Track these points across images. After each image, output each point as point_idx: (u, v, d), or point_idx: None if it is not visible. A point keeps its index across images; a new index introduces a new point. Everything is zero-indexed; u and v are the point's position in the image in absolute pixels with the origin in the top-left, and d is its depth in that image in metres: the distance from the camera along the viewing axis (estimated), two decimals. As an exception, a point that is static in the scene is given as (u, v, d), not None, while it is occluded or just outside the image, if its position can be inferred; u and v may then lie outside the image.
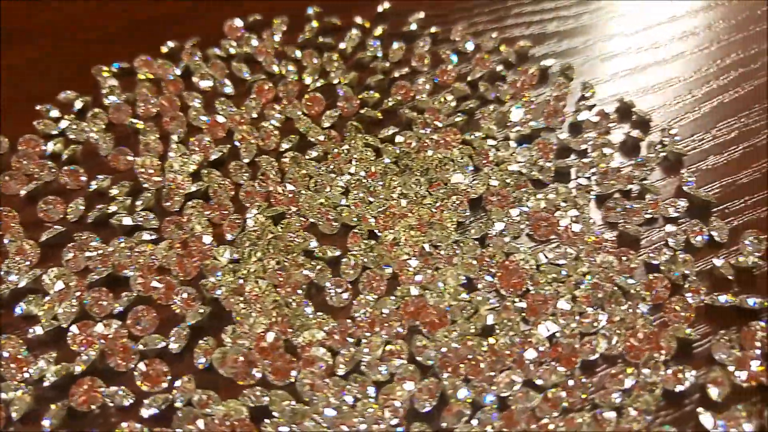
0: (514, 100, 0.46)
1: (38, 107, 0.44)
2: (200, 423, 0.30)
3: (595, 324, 0.34)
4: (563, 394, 0.31)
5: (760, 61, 0.50)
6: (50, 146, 0.42)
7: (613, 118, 0.45)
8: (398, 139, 0.43)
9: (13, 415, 0.30)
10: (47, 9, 0.53)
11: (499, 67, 0.48)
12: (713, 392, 0.32)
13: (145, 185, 0.40)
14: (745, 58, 0.50)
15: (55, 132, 0.43)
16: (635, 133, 0.44)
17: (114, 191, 0.40)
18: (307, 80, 0.47)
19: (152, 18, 0.53)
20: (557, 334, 0.34)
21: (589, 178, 0.41)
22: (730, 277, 0.37)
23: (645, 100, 0.48)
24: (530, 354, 0.32)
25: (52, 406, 0.31)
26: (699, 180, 0.42)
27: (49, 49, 0.50)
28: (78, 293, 0.34)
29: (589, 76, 0.49)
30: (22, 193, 0.40)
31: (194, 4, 0.54)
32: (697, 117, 0.46)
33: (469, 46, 0.50)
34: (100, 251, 0.36)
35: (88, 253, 0.36)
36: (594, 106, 0.46)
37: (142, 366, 0.32)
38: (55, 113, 0.44)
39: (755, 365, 0.33)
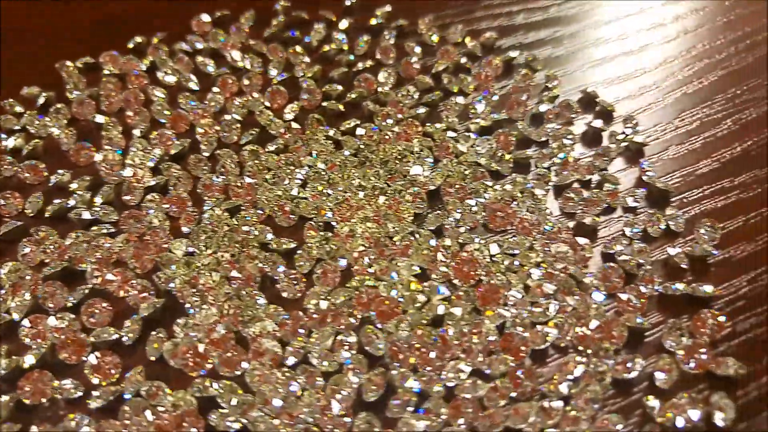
0: (477, 92, 0.46)
1: (1, 103, 0.44)
2: (147, 414, 0.30)
3: (547, 313, 0.34)
4: (511, 383, 0.31)
5: (726, 52, 0.50)
6: (11, 141, 0.42)
7: (576, 108, 0.45)
8: (359, 131, 0.43)
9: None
10: (15, 6, 0.53)
11: (465, 60, 0.48)
12: (660, 380, 0.32)
13: (106, 180, 0.40)
14: (710, 49, 0.50)
15: (17, 127, 0.43)
16: (597, 123, 0.44)
17: (74, 186, 0.40)
18: (272, 73, 0.47)
19: (121, 14, 0.53)
20: (507, 324, 0.34)
21: (548, 168, 0.41)
22: (684, 266, 0.37)
23: (610, 91, 0.48)
24: (479, 344, 0.32)
25: (1, 399, 0.31)
26: (659, 170, 0.42)
27: (17, 46, 0.50)
28: (32, 287, 0.34)
29: (554, 68, 0.49)
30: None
31: (164, 2, 0.54)
32: (660, 107, 0.46)
33: (435, 38, 0.50)
34: (57, 245, 0.36)
35: (44, 247, 0.36)
36: (557, 97, 0.46)
37: (92, 358, 0.32)
38: (19, 108, 0.44)
39: (704, 353, 0.33)
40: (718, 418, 0.31)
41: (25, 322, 0.33)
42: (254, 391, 0.32)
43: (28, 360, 0.32)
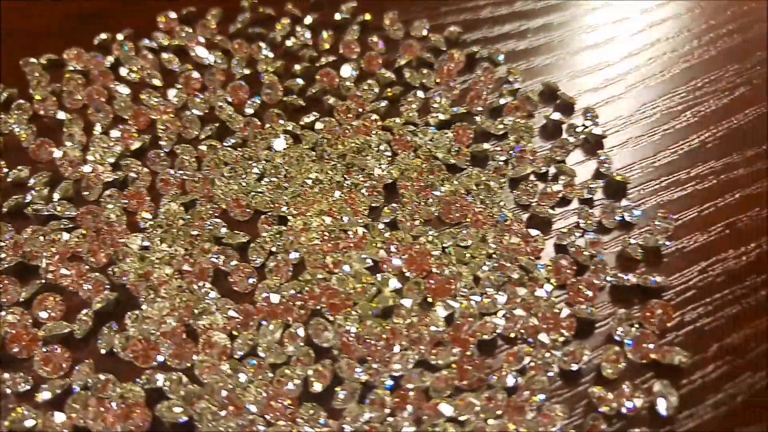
0: (438, 87, 0.46)
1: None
2: (92, 403, 0.30)
3: (495, 304, 0.34)
4: (457, 373, 0.32)
5: (688, 45, 0.50)
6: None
7: (536, 101, 0.45)
8: (318, 126, 0.43)
9: None
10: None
11: (428, 54, 0.48)
12: (607, 370, 0.33)
13: (66, 176, 0.41)
14: (674, 42, 0.51)
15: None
16: (556, 116, 0.44)
17: (32, 181, 0.40)
18: (236, 69, 0.47)
19: (88, 12, 0.53)
20: (456, 315, 0.34)
21: (505, 161, 0.42)
22: (638, 258, 0.37)
23: (574, 84, 0.48)
24: (427, 334, 0.33)
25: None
26: (618, 161, 0.43)
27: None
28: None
29: (518, 61, 0.49)
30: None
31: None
32: (622, 100, 0.47)
33: (399, 33, 0.50)
34: (13, 240, 0.37)
35: (-1, 242, 0.36)
36: (518, 90, 0.46)
37: (41, 352, 0.32)
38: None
39: (651, 343, 0.33)
40: (661, 407, 0.32)
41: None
42: (202, 383, 0.32)
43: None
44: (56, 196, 0.40)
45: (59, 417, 0.30)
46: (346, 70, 0.46)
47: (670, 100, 0.47)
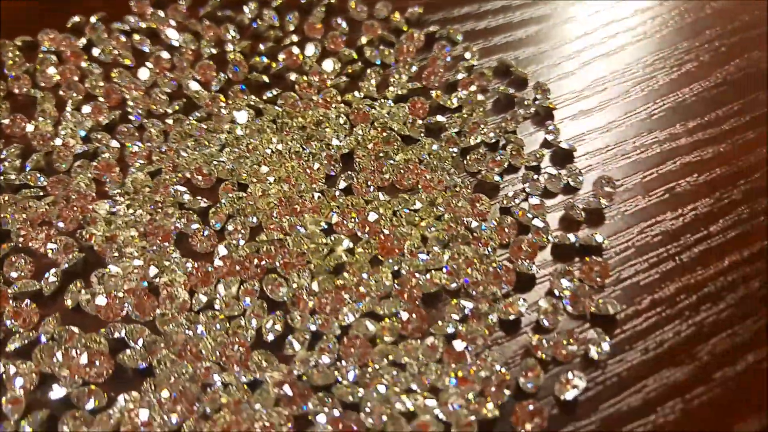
0: (398, 64, 0.48)
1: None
2: (58, 355, 0.32)
3: (440, 260, 0.36)
4: (400, 324, 0.34)
5: (641, 26, 0.52)
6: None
7: (490, 77, 0.47)
8: (280, 101, 0.45)
9: None
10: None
11: (389, 34, 0.50)
12: (545, 320, 0.35)
13: (38, 148, 0.43)
14: (628, 22, 0.53)
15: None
16: (510, 90, 0.46)
17: (4, 154, 0.42)
18: (205, 50, 0.49)
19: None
20: (402, 271, 0.36)
21: (457, 133, 0.44)
22: (580, 219, 0.40)
23: (530, 61, 0.50)
24: (375, 289, 0.35)
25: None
26: (568, 132, 0.45)
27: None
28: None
29: (476, 40, 0.51)
30: None
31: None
32: (575, 76, 0.49)
33: (363, 15, 0.52)
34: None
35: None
36: (473, 66, 0.48)
37: (12, 307, 0.34)
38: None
39: (588, 296, 0.35)
40: (593, 352, 0.34)
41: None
42: (161, 333, 0.34)
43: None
44: (28, 166, 0.41)
45: (26, 365, 0.32)
46: (310, 50, 0.48)
47: (621, 75, 0.49)
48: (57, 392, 0.32)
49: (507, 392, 0.32)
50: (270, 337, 0.34)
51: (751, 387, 0.33)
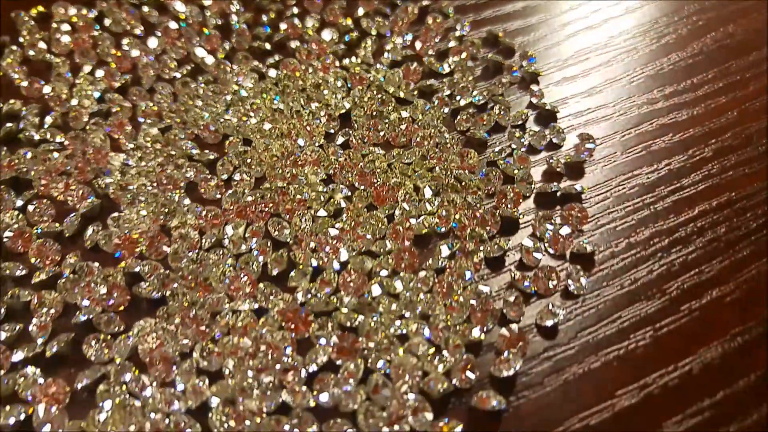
0: (392, 34, 0.51)
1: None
2: (80, 286, 0.35)
3: (430, 207, 0.39)
4: (394, 260, 0.37)
5: (626, 2, 0.55)
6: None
7: (479, 45, 0.50)
8: (281, 66, 0.48)
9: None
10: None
11: (385, 7, 0.53)
12: (527, 259, 0.38)
13: (55, 108, 0.45)
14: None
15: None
16: (498, 57, 0.49)
17: (24, 112, 0.45)
18: (211, 21, 0.52)
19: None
20: (396, 215, 0.39)
21: (449, 95, 0.47)
22: (560, 171, 0.43)
23: (518, 32, 0.53)
24: (370, 231, 0.38)
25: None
26: (553, 96, 0.48)
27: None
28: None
29: (468, 14, 0.54)
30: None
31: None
32: (561, 46, 0.52)
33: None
34: (8, 159, 0.41)
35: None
36: (463, 36, 0.51)
37: (36, 244, 0.37)
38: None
39: (567, 237, 0.38)
40: (573, 287, 0.37)
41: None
42: (173, 268, 0.37)
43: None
44: (46, 124, 0.44)
45: (51, 294, 0.35)
46: (310, 21, 0.51)
47: (603, 47, 0.52)
48: (79, 318, 0.35)
49: (492, 319, 0.35)
50: (275, 272, 0.37)
51: (715, 318, 0.36)
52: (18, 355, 0.33)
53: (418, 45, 0.50)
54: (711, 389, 0.34)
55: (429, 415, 0.31)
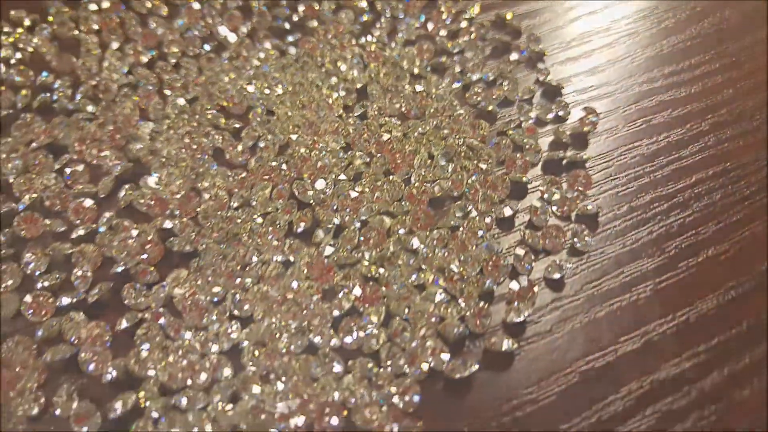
0: (406, 17, 0.54)
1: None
2: (116, 240, 0.38)
3: (445, 173, 0.42)
4: (410, 219, 0.39)
5: (623, -16, 0.58)
6: (1, 52, 0.49)
7: (488, 26, 0.53)
8: (300, 44, 0.50)
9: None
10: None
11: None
12: (534, 219, 0.40)
13: (86, 82, 0.48)
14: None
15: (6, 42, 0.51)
16: (505, 38, 0.52)
17: (57, 84, 0.47)
18: (231, 4, 0.54)
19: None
20: (412, 179, 0.42)
21: (461, 71, 0.49)
22: (566, 141, 0.45)
23: (524, 16, 0.56)
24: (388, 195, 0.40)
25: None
26: (558, 74, 0.50)
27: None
28: (23, 157, 0.42)
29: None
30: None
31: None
32: (564, 29, 0.54)
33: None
34: (43, 127, 0.44)
35: (32, 127, 0.43)
36: (473, 18, 0.54)
37: (74, 203, 0.40)
38: (7, 29, 0.52)
39: (572, 200, 0.41)
40: (578, 244, 0.39)
41: (18, 180, 0.41)
42: (203, 226, 0.39)
43: (22, 206, 0.40)
44: (78, 96, 0.47)
45: (91, 247, 0.38)
46: (326, 5, 0.54)
47: (606, 30, 0.55)
48: (116, 270, 0.37)
49: (504, 272, 0.37)
50: (300, 229, 0.39)
51: (710, 274, 0.39)
52: (64, 300, 0.36)
53: (430, 26, 0.53)
54: (706, 336, 0.36)
55: (446, 356, 0.34)
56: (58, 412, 0.32)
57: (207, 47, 0.51)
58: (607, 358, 0.35)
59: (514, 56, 0.51)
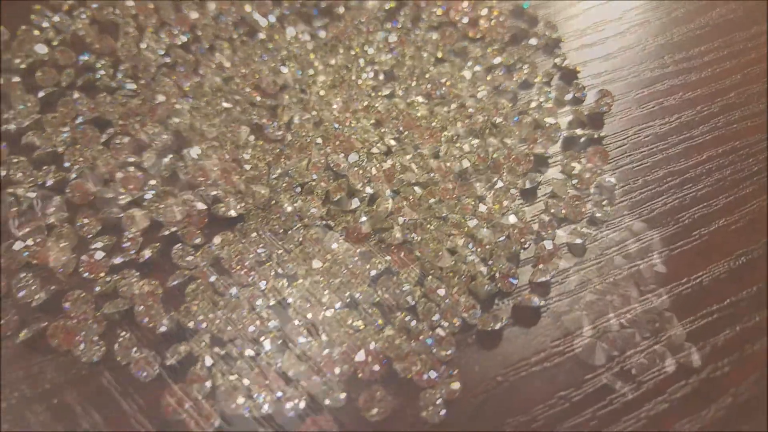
0: (428, 5, 0.56)
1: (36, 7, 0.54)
2: (162, 204, 0.40)
3: (471, 147, 0.44)
4: (438, 190, 0.42)
5: (634, -24, 0.61)
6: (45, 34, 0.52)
7: (507, 14, 0.55)
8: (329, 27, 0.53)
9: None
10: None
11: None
12: (556, 190, 0.43)
13: (125, 62, 0.50)
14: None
15: (47, 25, 0.53)
16: (524, 25, 0.55)
17: (99, 64, 0.50)
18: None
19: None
20: (440, 154, 0.44)
21: (482, 55, 0.52)
22: (583, 121, 0.48)
23: (541, 5, 0.58)
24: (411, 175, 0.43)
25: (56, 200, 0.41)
26: (570, 59, 0.53)
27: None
28: (71, 130, 0.44)
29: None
30: (22, 66, 0.50)
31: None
32: (579, 17, 0.57)
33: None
34: (88, 103, 0.46)
35: (76, 104, 0.46)
36: (492, 7, 0.57)
37: (122, 172, 0.42)
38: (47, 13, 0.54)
39: (591, 173, 0.43)
40: (597, 213, 0.42)
41: (68, 152, 0.43)
42: (245, 193, 0.42)
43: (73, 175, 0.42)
44: (119, 74, 0.49)
45: (139, 212, 0.40)
46: (352, -8, 0.57)
47: (618, 20, 0.57)
48: (164, 233, 0.39)
49: (530, 237, 0.40)
50: (336, 198, 0.42)
51: (722, 242, 0.41)
52: (117, 259, 0.38)
53: (451, 14, 0.55)
54: (718, 297, 0.39)
55: (478, 311, 0.36)
56: (118, 358, 0.34)
57: (241, 30, 0.53)
58: (627, 315, 0.38)
59: (533, 41, 0.53)
